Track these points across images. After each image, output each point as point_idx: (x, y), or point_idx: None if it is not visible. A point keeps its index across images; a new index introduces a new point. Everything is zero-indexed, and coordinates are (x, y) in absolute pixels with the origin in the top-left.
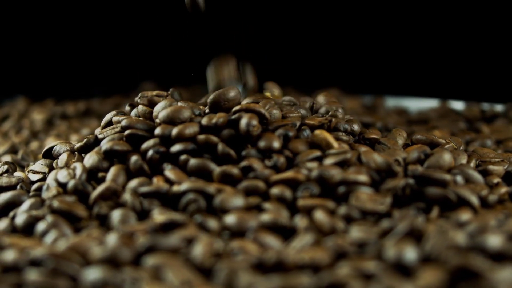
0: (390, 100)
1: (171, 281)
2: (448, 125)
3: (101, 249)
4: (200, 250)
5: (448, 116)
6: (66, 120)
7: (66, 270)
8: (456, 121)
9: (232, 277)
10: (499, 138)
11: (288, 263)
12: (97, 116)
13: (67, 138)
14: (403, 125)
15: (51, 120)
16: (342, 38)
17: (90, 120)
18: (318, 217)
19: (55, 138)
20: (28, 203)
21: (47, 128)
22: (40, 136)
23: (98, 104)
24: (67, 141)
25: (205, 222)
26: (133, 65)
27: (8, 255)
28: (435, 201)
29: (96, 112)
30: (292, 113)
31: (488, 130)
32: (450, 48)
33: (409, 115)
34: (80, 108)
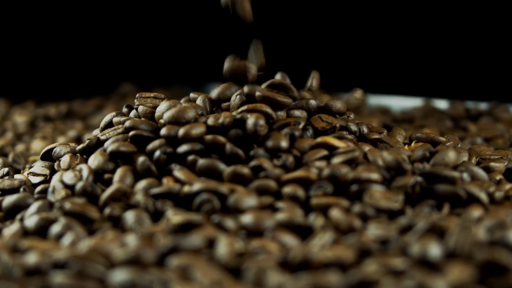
0: (371, 99)
1: (200, 281)
2: (435, 123)
3: (124, 251)
4: (225, 250)
5: (433, 115)
6: (49, 122)
7: (92, 272)
8: (442, 120)
9: (261, 276)
10: (487, 136)
11: (314, 262)
12: (79, 117)
13: (54, 140)
14: (389, 124)
15: (34, 122)
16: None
17: (73, 122)
18: (334, 215)
19: (41, 141)
20: (36, 205)
21: (30, 130)
22: (24, 138)
23: (80, 106)
24: (65, 143)
25: (223, 222)
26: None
27: (30, 258)
28: (444, 198)
29: (78, 114)
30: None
31: (475, 128)
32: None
33: (393, 114)
34: (62, 110)
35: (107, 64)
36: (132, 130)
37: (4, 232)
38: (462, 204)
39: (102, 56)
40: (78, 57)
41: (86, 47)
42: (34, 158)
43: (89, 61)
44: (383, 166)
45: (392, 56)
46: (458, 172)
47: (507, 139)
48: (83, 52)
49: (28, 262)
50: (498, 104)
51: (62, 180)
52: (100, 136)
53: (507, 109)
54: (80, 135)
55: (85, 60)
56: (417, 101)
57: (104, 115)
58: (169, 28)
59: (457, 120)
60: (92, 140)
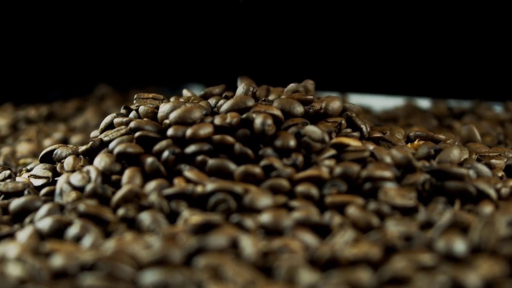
0: (352, 98)
1: (233, 280)
2: (420, 122)
3: (150, 252)
4: (252, 249)
5: (416, 113)
6: (31, 124)
7: (121, 273)
8: (426, 119)
9: (292, 274)
10: None
11: (341, 259)
12: (60, 119)
13: (39, 142)
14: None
15: (15, 125)
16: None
17: (55, 124)
18: (352, 213)
19: (27, 143)
20: (46, 208)
21: (13, 133)
22: (7, 141)
23: (59, 108)
24: (64, 144)
25: (243, 221)
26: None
27: (56, 260)
28: (454, 194)
29: (58, 116)
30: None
31: (461, 127)
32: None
33: (375, 114)
34: (42, 112)
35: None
36: (138, 131)
37: (18, 235)
38: (471, 200)
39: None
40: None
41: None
42: (24, 161)
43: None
44: (392, 164)
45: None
46: (465, 169)
47: (495, 137)
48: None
49: (54, 265)
50: (481, 103)
51: (70, 182)
52: (103, 138)
53: (490, 107)
54: (66, 137)
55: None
56: (397, 101)
57: (86, 117)
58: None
59: (441, 118)
60: (95, 141)
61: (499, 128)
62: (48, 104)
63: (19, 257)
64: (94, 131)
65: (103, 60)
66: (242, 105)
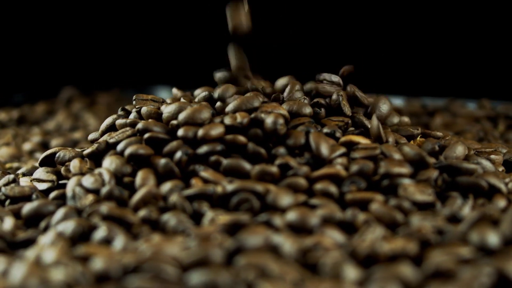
0: None
1: (281, 278)
2: None
3: (191, 252)
4: (292, 247)
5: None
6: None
7: (167, 275)
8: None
9: (338, 270)
10: (455, 131)
11: (380, 255)
12: (32, 123)
13: (18, 146)
14: None
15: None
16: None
17: (28, 127)
18: (376, 210)
19: (6, 147)
20: (62, 212)
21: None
22: None
23: (29, 111)
24: (65, 147)
25: (271, 220)
26: (50, 71)
27: (96, 263)
28: (467, 189)
29: (29, 119)
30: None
31: (439, 124)
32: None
33: None
34: (13, 115)
35: (45, 69)
36: (146, 132)
37: (42, 240)
38: (482, 195)
39: (41, 61)
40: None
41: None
42: (10, 165)
43: (28, 66)
44: (404, 160)
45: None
46: (475, 165)
47: (476, 134)
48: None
49: (96, 268)
50: (454, 100)
51: (83, 185)
52: (109, 140)
53: (464, 104)
54: (45, 140)
55: (25, 66)
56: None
57: (57, 120)
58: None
59: (416, 116)
60: (101, 144)
61: (479, 125)
62: (18, 108)
63: (58, 261)
64: (92, 134)
65: (66, 63)
66: (249, 105)
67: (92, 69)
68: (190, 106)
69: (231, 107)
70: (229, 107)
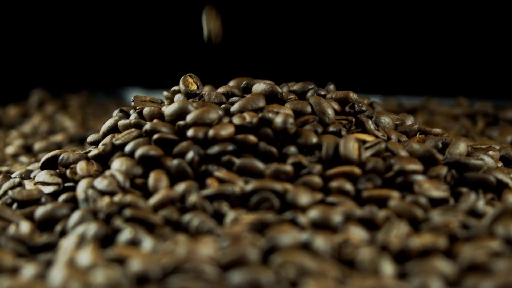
0: None
1: (324, 275)
2: None
3: (227, 252)
4: (326, 244)
5: None
6: None
7: (207, 275)
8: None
9: (376, 266)
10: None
11: (412, 250)
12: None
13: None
14: None
15: None
16: None
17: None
18: (396, 206)
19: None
20: (78, 215)
21: None
22: None
23: (2, 114)
24: (66, 149)
25: (296, 218)
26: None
27: (134, 265)
28: (476, 185)
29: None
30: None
31: (420, 122)
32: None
33: None
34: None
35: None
36: (155, 133)
37: (65, 244)
38: (490, 190)
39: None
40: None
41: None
42: (1, 169)
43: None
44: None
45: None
46: (481, 161)
47: (458, 131)
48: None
49: (134, 270)
50: (431, 98)
51: (96, 187)
52: (115, 141)
53: (441, 102)
54: (27, 144)
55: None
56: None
57: (33, 123)
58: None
59: None
60: (107, 145)
61: (459, 123)
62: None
63: (95, 264)
64: (92, 136)
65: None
66: (254, 105)
67: (59, 71)
68: (191, 105)
69: (236, 107)
70: (235, 107)
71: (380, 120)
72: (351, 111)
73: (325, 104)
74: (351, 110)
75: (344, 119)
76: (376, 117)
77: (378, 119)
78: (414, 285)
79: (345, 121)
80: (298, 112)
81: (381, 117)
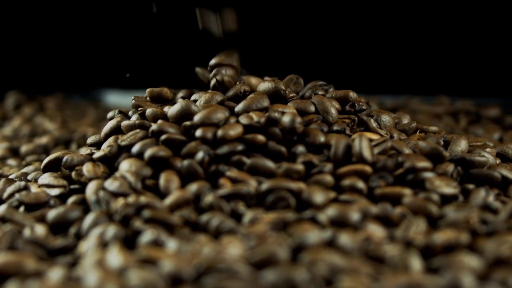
0: None
1: (355, 272)
2: None
3: (258, 251)
4: (352, 242)
5: None
6: None
7: (241, 274)
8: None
9: (406, 262)
10: None
11: (437, 245)
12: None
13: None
14: None
15: None
16: None
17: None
18: (410, 203)
19: None
20: (93, 217)
21: None
22: None
23: None
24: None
25: (316, 216)
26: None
27: (166, 265)
28: (481, 181)
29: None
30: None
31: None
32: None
33: None
34: None
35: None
36: (162, 133)
37: (84, 246)
38: (495, 186)
39: None
40: None
41: None
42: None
43: None
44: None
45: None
46: (485, 158)
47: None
48: None
49: (167, 271)
50: (412, 97)
51: (108, 189)
52: (121, 143)
53: (422, 101)
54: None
55: None
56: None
57: (14, 125)
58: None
59: None
60: (113, 146)
61: (442, 121)
62: None
63: (127, 265)
64: (91, 137)
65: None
66: (259, 105)
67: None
68: (195, 106)
69: (241, 107)
70: (239, 107)
71: (381, 119)
72: (351, 110)
73: (328, 103)
74: (352, 109)
75: (347, 118)
76: (377, 115)
77: (379, 117)
78: (445, 280)
79: (348, 120)
80: (301, 111)
81: (381, 116)
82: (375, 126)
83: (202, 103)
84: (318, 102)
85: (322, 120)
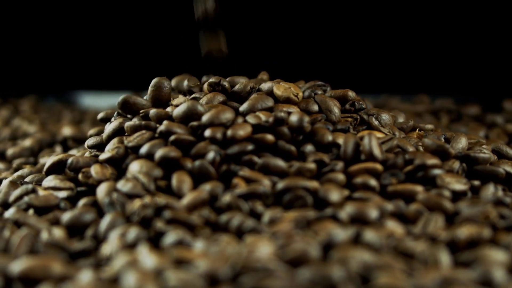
0: None
1: (392, 268)
2: None
3: (290, 249)
4: (378, 238)
5: None
6: None
7: (278, 272)
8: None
9: (436, 257)
10: None
11: (461, 241)
12: None
13: None
14: None
15: None
16: None
17: None
18: (425, 200)
19: None
20: (109, 218)
21: None
22: None
23: None
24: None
25: (337, 214)
26: None
27: (201, 266)
28: (486, 177)
29: None
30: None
31: None
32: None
33: None
34: None
35: None
36: (171, 134)
37: (107, 248)
38: (499, 182)
39: None
40: None
41: None
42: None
43: None
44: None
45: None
46: (489, 155)
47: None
48: None
49: (202, 271)
50: (391, 96)
51: (121, 191)
52: (127, 144)
53: (401, 100)
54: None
55: None
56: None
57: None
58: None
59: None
60: (120, 148)
61: (424, 119)
62: None
63: (162, 266)
64: (91, 139)
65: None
66: (264, 105)
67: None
68: (201, 106)
69: (246, 107)
70: (244, 107)
71: (381, 117)
72: (351, 109)
73: (330, 102)
74: (352, 108)
75: (349, 117)
76: (377, 114)
77: (379, 116)
78: (477, 274)
79: (350, 118)
80: (305, 110)
81: (381, 114)
82: (377, 125)
83: (204, 103)
84: (321, 102)
85: (326, 119)
